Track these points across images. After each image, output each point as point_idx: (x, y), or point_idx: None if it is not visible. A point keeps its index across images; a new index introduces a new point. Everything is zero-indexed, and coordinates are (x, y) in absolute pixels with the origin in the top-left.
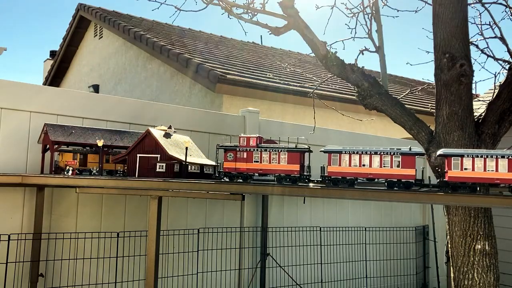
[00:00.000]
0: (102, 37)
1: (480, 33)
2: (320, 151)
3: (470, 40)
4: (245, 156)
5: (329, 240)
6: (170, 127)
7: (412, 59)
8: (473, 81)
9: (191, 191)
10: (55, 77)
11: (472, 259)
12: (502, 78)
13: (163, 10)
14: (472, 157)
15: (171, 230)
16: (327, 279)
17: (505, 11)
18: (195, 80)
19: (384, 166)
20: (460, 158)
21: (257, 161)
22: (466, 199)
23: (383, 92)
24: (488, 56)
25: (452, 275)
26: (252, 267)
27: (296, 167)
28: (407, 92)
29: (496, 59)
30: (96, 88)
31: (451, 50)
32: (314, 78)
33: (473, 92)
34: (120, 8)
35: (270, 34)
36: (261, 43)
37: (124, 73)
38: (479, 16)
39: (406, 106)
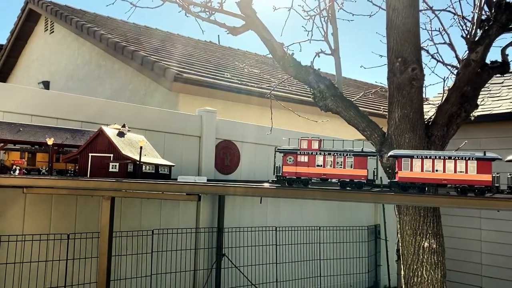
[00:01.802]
0: (53, 31)
1: (430, 39)
2: (390, 156)
3: (421, 46)
4: (306, 160)
5: (285, 239)
6: (124, 126)
7: (366, 63)
8: (424, 85)
9: (146, 191)
10: (2, 72)
11: (421, 257)
12: (450, 83)
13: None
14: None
15: (125, 231)
16: (282, 278)
17: (454, 18)
18: (150, 78)
19: (459, 172)
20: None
21: (319, 165)
22: (416, 199)
23: (338, 94)
24: (438, 61)
25: (402, 272)
26: (207, 268)
27: (363, 172)
28: (360, 94)
29: (445, 64)
30: (46, 85)
31: (403, 55)
32: (272, 79)
33: (424, 95)
34: (73, 2)
35: (228, 33)
36: (219, 43)
37: (77, 70)
38: (430, 23)
39: (360, 108)
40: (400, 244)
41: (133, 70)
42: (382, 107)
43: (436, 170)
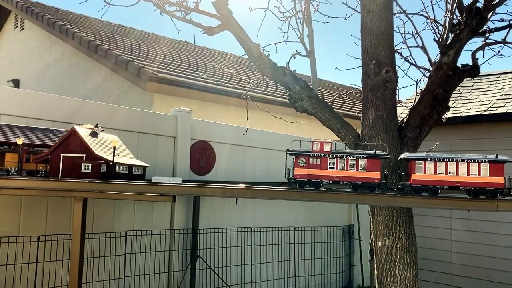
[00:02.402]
0: (23, 29)
1: (404, 42)
2: (401, 158)
3: (395, 48)
4: (318, 162)
5: (260, 240)
6: (97, 126)
7: (341, 65)
8: (397, 87)
9: (119, 192)
10: None
11: (394, 256)
12: (423, 85)
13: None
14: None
15: (97, 233)
16: (257, 279)
17: (426, 22)
18: (125, 78)
19: (472, 174)
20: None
21: (332, 168)
22: (390, 199)
23: (314, 95)
24: (411, 64)
25: (375, 272)
26: (182, 269)
27: (377, 174)
28: (335, 96)
29: (418, 67)
30: (16, 83)
31: (377, 57)
32: (248, 80)
33: (397, 97)
34: None
35: (203, 33)
36: (194, 43)
37: (48, 69)
38: (403, 26)
39: (335, 109)
40: (373, 244)
41: (106, 70)
42: (356, 109)
43: (449, 173)
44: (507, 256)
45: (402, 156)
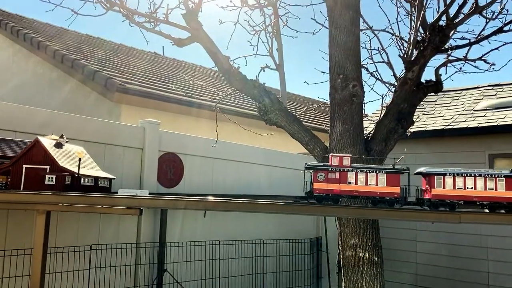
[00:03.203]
0: None
1: (370, 58)
2: (416, 173)
3: (362, 64)
4: (337, 176)
5: (228, 253)
6: (62, 137)
7: (310, 79)
8: (364, 102)
9: (84, 205)
10: None
11: (361, 268)
12: (388, 100)
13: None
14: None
15: (60, 247)
16: None
17: (392, 38)
18: (91, 88)
19: (489, 189)
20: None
21: (351, 182)
22: (356, 211)
23: (283, 108)
24: (377, 79)
25: (343, 284)
26: (148, 284)
27: (396, 189)
28: (304, 109)
29: (384, 82)
30: None
31: (344, 72)
32: (218, 92)
33: (363, 111)
34: (10, 7)
35: (173, 45)
36: (163, 54)
37: (12, 78)
38: (370, 42)
39: (303, 123)
40: (341, 256)
41: (73, 80)
42: (324, 122)
43: (468, 188)
44: (471, 268)
45: (421, 170)
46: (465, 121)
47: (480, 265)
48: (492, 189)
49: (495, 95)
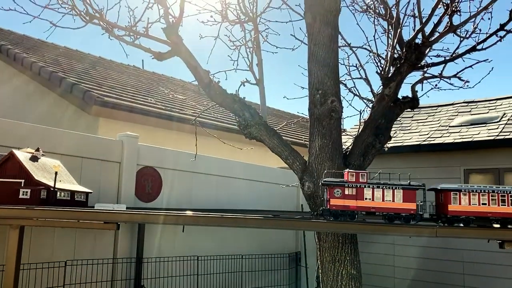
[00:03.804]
0: None
1: (348, 74)
2: (430, 189)
3: (340, 79)
4: (354, 192)
5: (206, 269)
6: (37, 150)
7: (289, 94)
8: (342, 117)
9: (60, 219)
10: None
11: (340, 283)
12: (366, 115)
13: (37, 24)
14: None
15: (34, 263)
16: None
17: (370, 55)
18: (69, 101)
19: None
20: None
21: (368, 198)
22: (336, 225)
23: (262, 123)
24: (355, 94)
25: None
26: None
27: (413, 205)
28: (283, 124)
29: (362, 98)
30: None
31: (323, 87)
32: (198, 106)
33: (342, 127)
34: None
35: (153, 58)
36: (143, 67)
37: None
38: (348, 58)
39: (283, 137)
40: (320, 271)
41: (51, 92)
42: (303, 137)
43: (482, 204)
44: (448, 282)
45: (438, 186)
46: (441, 136)
47: (456, 279)
48: (505, 205)
49: (470, 111)
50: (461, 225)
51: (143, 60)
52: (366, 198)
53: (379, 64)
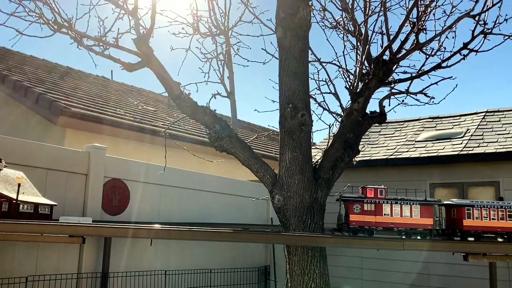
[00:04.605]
0: None
1: (318, 88)
2: (442, 204)
3: (310, 94)
4: (373, 208)
5: (175, 284)
6: (0, 161)
7: (260, 107)
8: (312, 130)
9: (22, 233)
10: None
11: None
12: (335, 129)
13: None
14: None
15: None
16: None
17: (339, 70)
18: (34, 111)
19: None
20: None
21: (386, 214)
22: (305, 239)
23: (233, 135)
24: (324, 109)
25: None
26: None
27: (430, 220)
28: (254, 137)
29: (331, 112)
30: None
31: (294, 101)
32: (168, 117)
33: (311, 140)
34: None
35: (122, 69)
36: (112, 78)
37: None
38: (318, 73)
39: (253, 150)
40: (289, 284)
41: (14, 102)
42: (274, 150)
43: (492, 219)
44: None
45: (450, 202)
46: (407, 151)
47: None
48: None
49: (435, 127)
50: (472, 239)
51: (112, 70)
52: (384, 214)
53: (348, 79)
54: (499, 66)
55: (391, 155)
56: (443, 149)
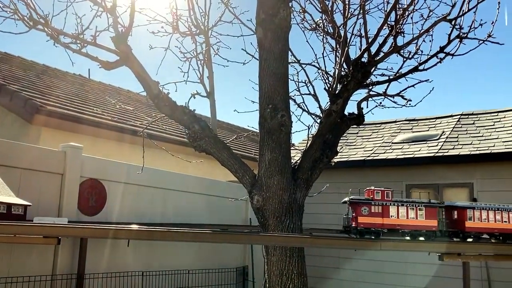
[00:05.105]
0: None
1: (297, 89)
2: (448, 206)
3: (290, 95)
4: (380, 210)
5: (152, 285)
6: None
7: (240, 107)
8: (291, 131)
9: None
10: None
11: None
12: (314, 131)
13: None
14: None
15: None
16: None
17: (318, 72)
18: (8, 109)
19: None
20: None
21: (393, 216)
22: (284, 239)
23: (213, 135)
24: (304, 110)
25: None
26: None
27: (434, 222)
28: (234, 137)
29: (310, 113)
30: None
31: (274, 102)
32: (146, 117)
33: (290, 141)
34: None
35: (100, 67)
36: (89, 77)
37: None
38: (297, 75)
39: (233, 150)
40: (267, 285)
41: None
42: (253, 151)
43: (494, 220)
44: None
45: (455, 203)
46: (384, 152)
47: None
48: (506, 221)
49: (411, 129)
50: (471, 240)
51: (90, 69)
52: (391, 216)
53: (327, 81)
54: (474, 70)
55: (368, 156)
56: (419, 151)
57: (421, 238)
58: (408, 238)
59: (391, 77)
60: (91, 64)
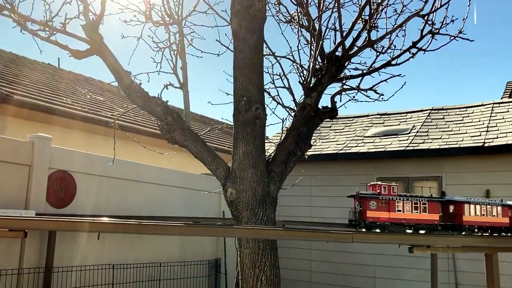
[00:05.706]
0: None
1: (272, 82)
2: (448, 200)
3: (264, 87)
4: (387, 205)
5: (123, 278)
6: None
7: (214, 99)
8: (265, 124)
9: None
10: None
11: None
12: (288, 124)
13: None
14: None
15: None
16: None
17: (293, 65)
18: None
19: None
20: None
21: (400, 210)
22: (257, 231)
23: (186, 127)
24: (278, 103)
25: None
26: None
27: (436, 216)
28: (207, 129)
29: (284, 107)
30: None
31: (248, 94)
32: (118, 108)
33: (265, 134)
34: None
35: (70, 56)
36: (58, 66)
37: None
38: (272, 67)
39: (207, 143)
40: (240, 277)
41: None
42: (227, 143)
43: (482, 215)
44: (361, 286)
45: (451, 198)
46: (356, 146)
47: (368, 283)
48: (495, 215)
49: (383, 123)
50: (464, 232)
51: (59, 58)
52: (397, 210)
53: (301, 74)
54: (445, 65)
55: (341, 149)
56: (390, 144)
57: (422, 232)
58: (409, 231)
59: (364, 72)
60: (61, 53)
